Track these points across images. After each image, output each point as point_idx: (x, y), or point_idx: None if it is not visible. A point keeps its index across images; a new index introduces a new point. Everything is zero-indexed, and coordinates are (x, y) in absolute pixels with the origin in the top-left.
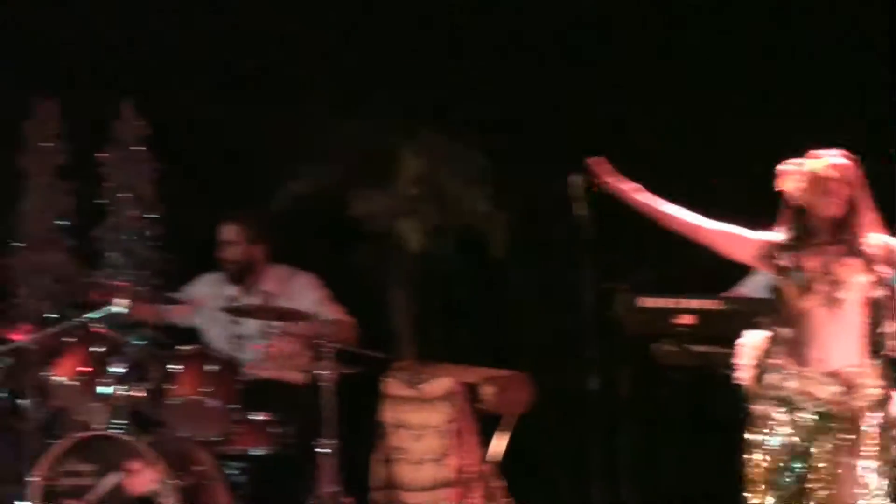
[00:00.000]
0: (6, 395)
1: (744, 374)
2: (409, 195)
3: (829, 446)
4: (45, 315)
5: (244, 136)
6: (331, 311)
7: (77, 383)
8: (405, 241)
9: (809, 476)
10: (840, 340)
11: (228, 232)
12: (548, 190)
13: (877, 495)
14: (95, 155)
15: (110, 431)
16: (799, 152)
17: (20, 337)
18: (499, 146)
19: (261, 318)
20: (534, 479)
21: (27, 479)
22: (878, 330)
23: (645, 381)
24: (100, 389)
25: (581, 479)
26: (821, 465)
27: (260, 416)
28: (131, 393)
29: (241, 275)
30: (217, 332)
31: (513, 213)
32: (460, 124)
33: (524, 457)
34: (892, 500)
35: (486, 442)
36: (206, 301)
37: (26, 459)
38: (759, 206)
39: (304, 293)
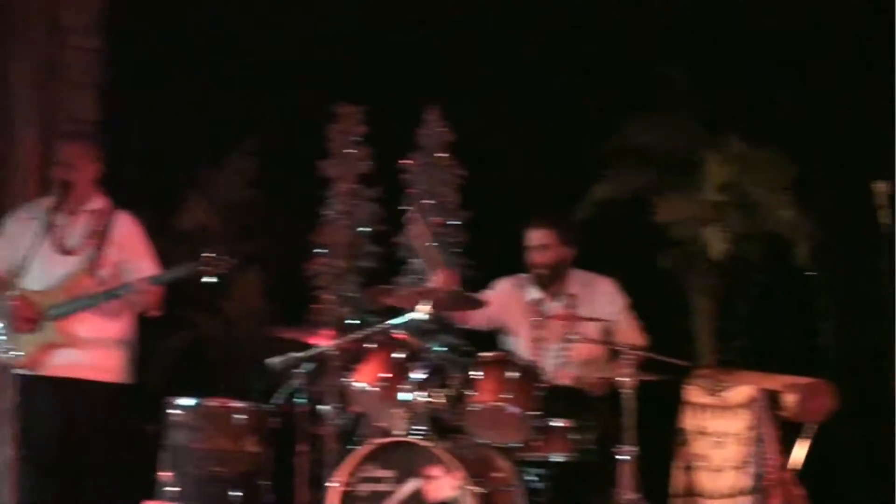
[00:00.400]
0: (307, 400)
1: None
2: (714, 201)
3: None
4: (346, 321)
5: (544, 141)
6: (629, 319)
7: (378, 389)
8: (709, 248)
9: None
10: None
11: (541, 236)
12: (852, 197)
13: None
14: (399, 161)
15: (410, 437)
16: None
17: (322, 342)
18: (804, 154)
19: (566, 323)
20: (834, 488)
21: (327, 484)
22: None
23: None
24: (400, 395)
25: (882, 486)
26: None
27: (560, 423)
28: (431, 399)
29: (550, 279)
30: (518, 337)
31: (817, 220)
32: (764, 131)
33: (824, 465)
34: None
35: (786, 449)
36: (508, 305)
37: (327, 465)
38: None
39: (606, 299)
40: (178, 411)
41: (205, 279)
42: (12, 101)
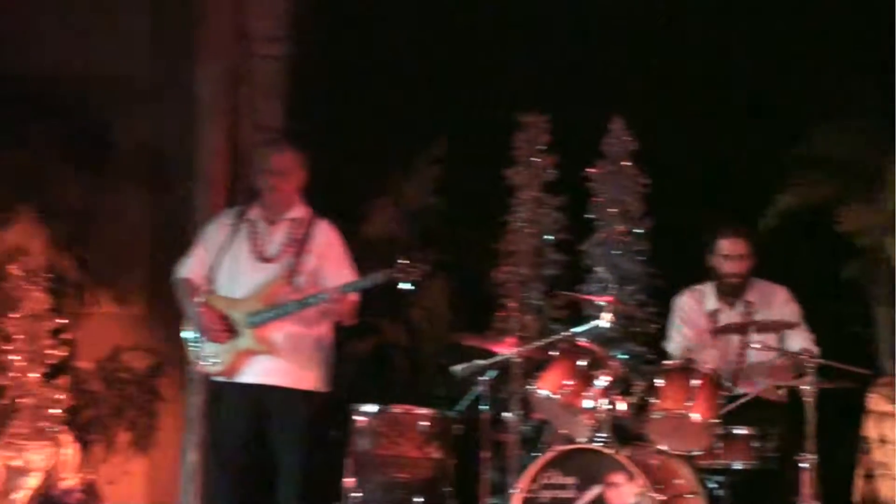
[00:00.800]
0: (490, 407)
1: None
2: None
3: None
4: (530, 329)
5: (727, 150)
6: (803, 327)
7: (561, 396)
8: (893, 258)
9: None
10: None
11: (737, 246)
12: None
13: None
14: (584, 170)
15: (593, 444)
16: None
17: (506, 350)
18: None
19: (746, 333)
20: None
21: (510, 491)
22: None
23: None
24: (583, 403)
25: None
26: None
27: (742, 431)
28: (614, 407)
29: (737, 288)
30: (700, 346)
31: None
32: None
33: None
34: None
35: None
36: (689, 318)
37: (509, 471)
38: None
39: (782, 306)
40: (362, 418)
41: (400, 286)
42: (199, 108)
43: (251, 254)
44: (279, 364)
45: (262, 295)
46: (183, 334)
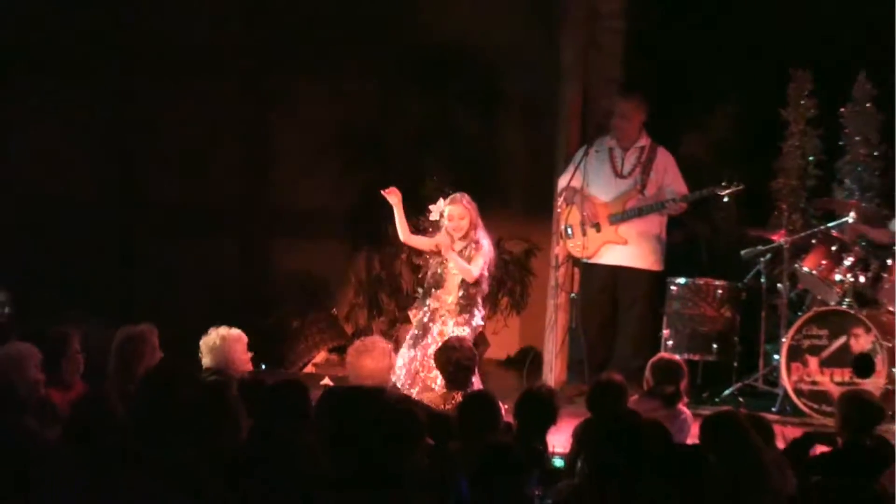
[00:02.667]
0: (768, 280)
1: None
2: None
3: None
4: (796, 224)
5: None
6: None
7: (818, 272)
8: None
9: None
10: None
11: None
12: None
13: None
14: (839, 109)
15: (840, 307)
16: None
17: (778, 238)
18: None
19: None
20: None
21: (781, 340)
22: None
23: None
24: (835, 276)
25: None
26: None
27: None
28: (857, 279)
29: None
30: None
31: None
32: None
33: None
34: None
35: None
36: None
37: (781, 327)
38: None
39: None
40: (675, 287)
41: (724, 197)
42: (562, 68)
43: (612, 171)
44: (629, 250)
45: (621, 201)
46: (560, 227)
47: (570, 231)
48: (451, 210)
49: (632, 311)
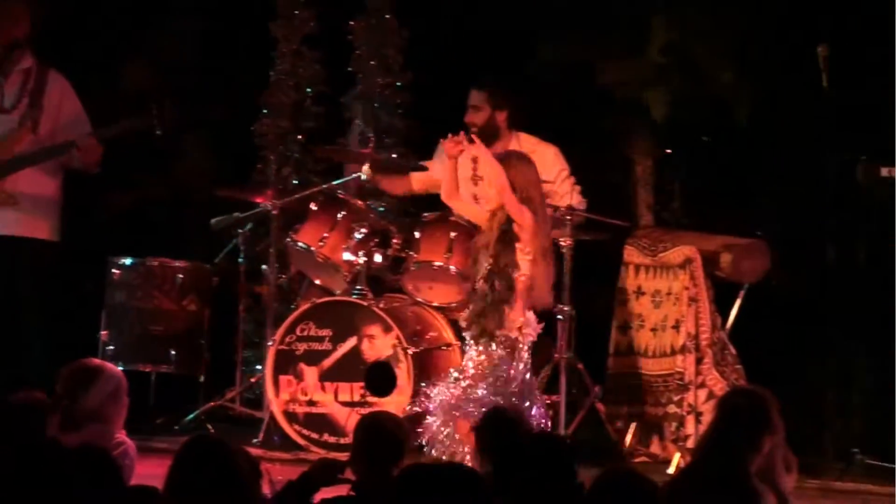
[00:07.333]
0: (246, 259)
1: None
2: (658, 64)
3: None
4: (288, 181)
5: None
6: (568, 184)
7: (318, 249)
8: (652, 110)
9: None
10: None
11: (474, 97)
12: (793, 63)
13: None
14: (347, 23)
15: (349, 297)
16: None
17: (263, 200)
18: (748, 16)
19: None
20: (766, 350)
21: (266, 343)
22: None
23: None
24: (342, 256)
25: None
26: None
27: None
28: (372, 259)
29: (483, 141)
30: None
31: (757, 86)
32: None
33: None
34: None
35: (721, 310)
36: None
37: (266, 324)
38: None
39: (546, 164)
40: (117, 270)
41: (156, 132)
42: None
43: None
44: (18, 214)
45: (5, 145)
46: None
47: None
48: None
49: (32, 300)
